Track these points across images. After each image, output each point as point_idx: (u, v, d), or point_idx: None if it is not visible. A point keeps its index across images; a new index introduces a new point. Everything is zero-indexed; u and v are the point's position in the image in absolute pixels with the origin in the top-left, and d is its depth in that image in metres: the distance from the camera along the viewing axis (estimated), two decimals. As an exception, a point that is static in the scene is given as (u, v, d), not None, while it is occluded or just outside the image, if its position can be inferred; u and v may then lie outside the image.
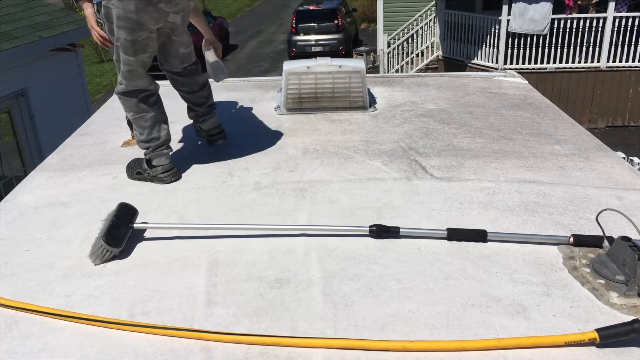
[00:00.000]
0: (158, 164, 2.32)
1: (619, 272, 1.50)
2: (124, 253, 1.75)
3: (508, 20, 10.74)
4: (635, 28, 10.40)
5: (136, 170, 2.35)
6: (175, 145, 2.71)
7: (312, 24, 16.72)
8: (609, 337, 1.27)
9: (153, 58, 2.34)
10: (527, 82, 3.67)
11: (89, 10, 2.28)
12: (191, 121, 2.72)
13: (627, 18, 10.42)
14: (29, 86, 7.05)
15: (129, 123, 2.80)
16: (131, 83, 2.27)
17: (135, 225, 1.83)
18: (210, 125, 2.62)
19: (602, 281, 1.51)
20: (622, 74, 10.67)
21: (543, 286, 1.52)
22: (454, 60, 12.06)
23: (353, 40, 17.88)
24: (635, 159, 3.65)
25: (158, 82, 2.41)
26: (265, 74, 15.24)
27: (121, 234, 1.77)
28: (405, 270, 1.61)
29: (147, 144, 2.34)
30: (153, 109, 2.34)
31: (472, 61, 11.63)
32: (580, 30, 10.55)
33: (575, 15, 10.71)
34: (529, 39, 10.71)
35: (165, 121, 2.40)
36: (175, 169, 2.35)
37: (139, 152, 2.63)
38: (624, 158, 2.95)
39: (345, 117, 3.02)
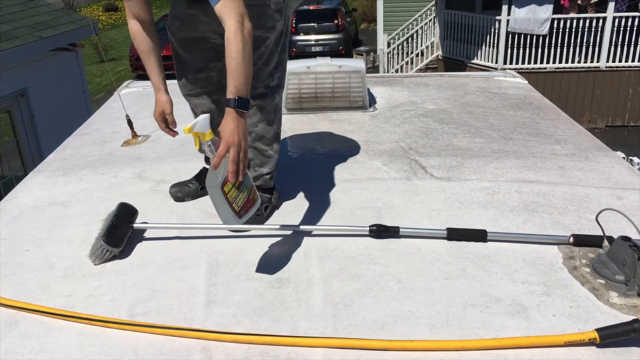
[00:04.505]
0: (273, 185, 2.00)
1: (619, 272, 1.50)
2: (124, 253, 1.75)
3: (508, 20, 10.74)
4: (635, 28, 10.40)
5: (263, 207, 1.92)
6: (174, 144, 2.71)
7: (312, 24, 16.71)
8: (609, 337, 1.27)
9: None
10: (526, 82, 3.68)
11: None
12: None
13: (627, 18, 10.42)
14: (29, 86, 7.04)
15: (129, 123, 2.80)
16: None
17: (135, 225, 1.84)
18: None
19: (602, 281, 1.52)
20: (622, 74, 10.67)
21: (543, 286, 1.52)
22: (454, 60, 12.06)
23: (353, 40, 17.87)
24: (635, 159, 3.64)
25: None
26: (265, 74, 15.18)
27: (121, 233, 1.77)
28: (405, 270, 1.61)
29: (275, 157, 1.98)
30: None
31: (472, 61, 11.63)
32: (580, 30, 10.54)
33: (574, 15, 10.71)
34: (528, 39, 10.71)
35: None
36: None
37: (139, 152, 2.63)
38: (624, 158, 2.95)
39: (345, 117, 3.02)
